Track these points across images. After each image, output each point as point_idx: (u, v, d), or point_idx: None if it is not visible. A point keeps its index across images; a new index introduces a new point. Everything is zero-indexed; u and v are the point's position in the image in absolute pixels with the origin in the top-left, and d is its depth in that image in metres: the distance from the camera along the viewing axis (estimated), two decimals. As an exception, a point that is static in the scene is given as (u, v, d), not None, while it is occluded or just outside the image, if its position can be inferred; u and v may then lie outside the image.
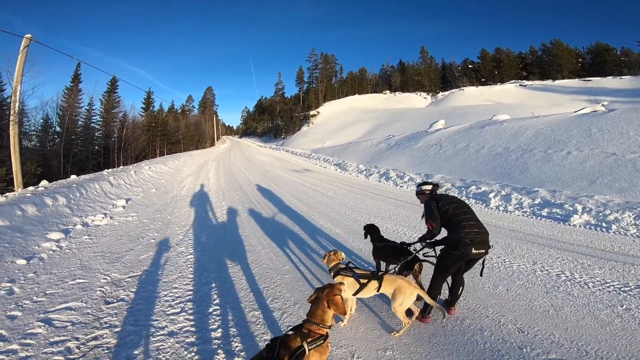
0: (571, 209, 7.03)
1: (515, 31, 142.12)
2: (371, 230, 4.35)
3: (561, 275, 4.22)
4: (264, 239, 6.27)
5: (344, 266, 3.40)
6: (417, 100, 68.86)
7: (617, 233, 5.85)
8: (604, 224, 6.27)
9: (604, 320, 3.20)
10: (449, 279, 3.43)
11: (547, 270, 4.41)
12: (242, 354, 2.94)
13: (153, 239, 6.41)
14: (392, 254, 3.90)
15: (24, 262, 4.91)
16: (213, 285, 4.38)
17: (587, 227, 6.29)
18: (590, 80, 57.09)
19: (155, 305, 3.84)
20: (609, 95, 43.49)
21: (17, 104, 11.30)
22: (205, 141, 62.81)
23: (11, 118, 11.03)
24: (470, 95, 59.52)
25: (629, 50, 63.33)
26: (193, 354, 2.95)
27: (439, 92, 70.52)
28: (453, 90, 67.46)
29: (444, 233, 3.50)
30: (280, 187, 12.18)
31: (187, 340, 3.14)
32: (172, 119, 52.98)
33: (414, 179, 11.85)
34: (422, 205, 3.72)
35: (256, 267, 4.93)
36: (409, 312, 3.21)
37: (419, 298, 3.18)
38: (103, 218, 7.71)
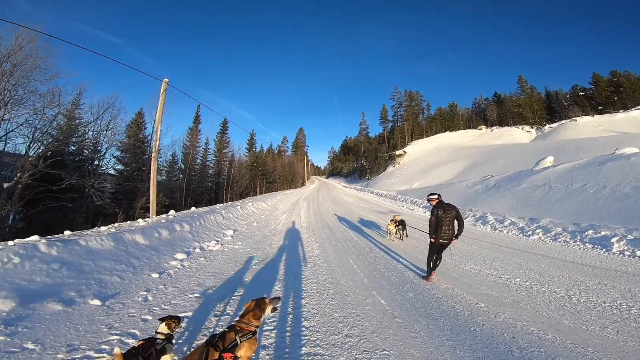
0: None
1: (634, 50, 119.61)
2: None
3: None
4: (347, 274, 6.49)
5: None
6: (519, 134, 62.67)
7: None
8: None
9: None
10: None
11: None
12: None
13: (254, 265, 7.19)
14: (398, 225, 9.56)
15: (156, 275, 6.01)
16: (302, 310, 4.70)
17: None
18: None
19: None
20: None
21: (157, 142, 13.14)
22: (297, 181, 67.15)
23: (152, 155, 13.22)
24: (585, 127, 51.82)
25: None
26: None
27: (545, 125, 63.07)
28: (563, 122, 59.60)
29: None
30: (364, 227, 12.39)
31: (276, 353, 3.51)
32: (270, 159, 58.51)
33: (517, 223, 10.76)
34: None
35: (339, 298, 5.15)
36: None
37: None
38: (216, 244, 8.92)
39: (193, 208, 15.61)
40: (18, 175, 15.27)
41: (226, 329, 2.88)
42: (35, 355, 3.25)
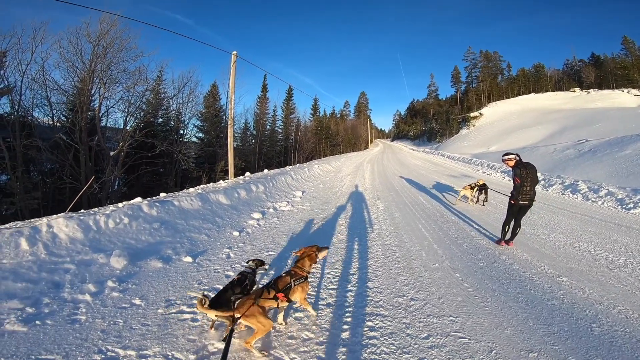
0: None
1: None
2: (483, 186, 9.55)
3: None
4: (415, 238, 6.42)
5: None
6: (625, 98, 54.93)
7: None
8: None
9: None
10: (512, 223, 5.80)
11: None
12: (378, 329, 3.30)
13: (322, 226, 7.49)
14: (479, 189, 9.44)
15: (237, 233, 6.58)
16: (366, 271, 4.81)
17: None
18: None
19: (320, 281, 4.49)
20: None
21: (232, 111, 14.40)
22: (360, 144, 66.99)
23: (229, 123, 14.34)
24: None
25: None
26: (345, 322, 3.46)
27: (661, 88, 53.45)
28: (684, 84, 49.58)
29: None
30: (435, 191, 11.93)
31: (339, 311, 3.65)
32: (333, 123, 59.10)
33: (615, 193, 9.39)
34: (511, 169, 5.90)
35: (405, 261, 5.15)
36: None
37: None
38: (287, 204, 9.46)
39: (265, 170, 16.64)
40: (120, 145, 17.95)
41: (283, 274, 3.26)
42: (141, 310, 3.57)
